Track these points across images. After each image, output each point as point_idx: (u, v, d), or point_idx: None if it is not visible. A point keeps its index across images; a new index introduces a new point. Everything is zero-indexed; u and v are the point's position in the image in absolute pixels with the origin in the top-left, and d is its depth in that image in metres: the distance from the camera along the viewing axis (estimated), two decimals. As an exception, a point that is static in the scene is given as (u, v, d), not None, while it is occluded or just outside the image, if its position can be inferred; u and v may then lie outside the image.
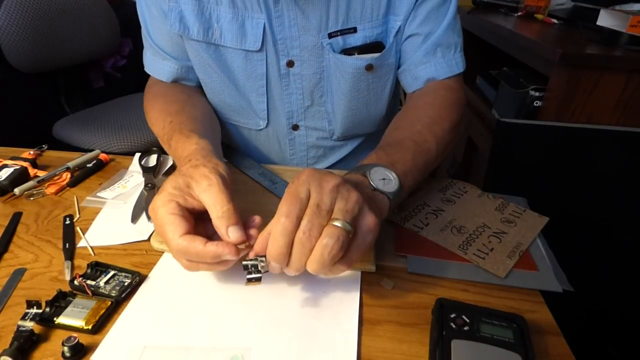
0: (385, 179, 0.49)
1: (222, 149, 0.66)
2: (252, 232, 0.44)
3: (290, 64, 0.69)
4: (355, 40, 0.68)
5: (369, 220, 0.41)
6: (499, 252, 0.53)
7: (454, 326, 0.41)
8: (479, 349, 0.39)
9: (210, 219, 0.44)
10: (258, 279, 0.43)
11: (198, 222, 0.46)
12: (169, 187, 0.45)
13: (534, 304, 0.47)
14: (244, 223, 0.44)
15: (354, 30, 0.67)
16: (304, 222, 0.39)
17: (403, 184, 0.50)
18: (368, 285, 0.49)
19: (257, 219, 0.45)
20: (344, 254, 0.40)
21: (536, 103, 1.05)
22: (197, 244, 0.41)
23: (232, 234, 0.42)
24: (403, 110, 0.69)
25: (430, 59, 0.68)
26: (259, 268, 0.42)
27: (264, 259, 0.41)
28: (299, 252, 0.39)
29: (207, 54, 0.69)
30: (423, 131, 0.60)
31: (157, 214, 0.43)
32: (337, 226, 0.38)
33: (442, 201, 0.62)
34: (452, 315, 0.42)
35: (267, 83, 0.71)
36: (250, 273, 0.42)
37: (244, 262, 0.42)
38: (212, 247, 0.41)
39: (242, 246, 0.43)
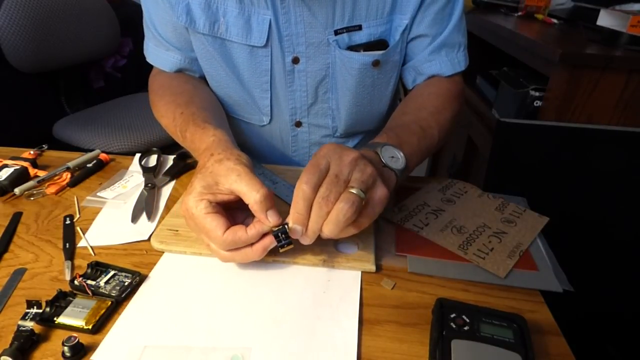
0: (394, 157, 0.54)
1: None
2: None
3: (295, 60, 0.69)
4: (360, 37, 0.68)
5: (381, 192, 0.46)
6: (499, 252, 0.53)
7: (454, 326, 0.41)
8: (479, 349, 0.39)
9: (236, 208, 0.49)
10: (289, 244, 0.47)
11: (227, 212, 0.49)
12: (197, 187, 0.47)
13: (534, 304, 0.47)
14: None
15: (359, 27, 0.68)
16: (322, 189, 0.43)
17: (408, 164, 0.55)
18: (368, 285, 0.49)
19: None
20: (355, 219, 0.44)
21: (536, 103, 1.05)
22: (242, 233, 0.45)
23: (271, 217, 0.45)
24: (408, 97, 0.72)
25: (435, 57, 0.71)
26: (288, 233, 0.46)
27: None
28: (316, 215, 0.43)
29: (213, 48, 0.69)
30: (428, 118, 0.65)
31: (193, 215, 0.46)
32: (352, 193, 0.43)
33: (442, 201, 0.62)
34: (452, 315, 0.42)
35: (272, 79, 0.72)
36: (280, 241, 0.46)
37: (274, 232, 0.46)
38: (254, 231, 0.46)
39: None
